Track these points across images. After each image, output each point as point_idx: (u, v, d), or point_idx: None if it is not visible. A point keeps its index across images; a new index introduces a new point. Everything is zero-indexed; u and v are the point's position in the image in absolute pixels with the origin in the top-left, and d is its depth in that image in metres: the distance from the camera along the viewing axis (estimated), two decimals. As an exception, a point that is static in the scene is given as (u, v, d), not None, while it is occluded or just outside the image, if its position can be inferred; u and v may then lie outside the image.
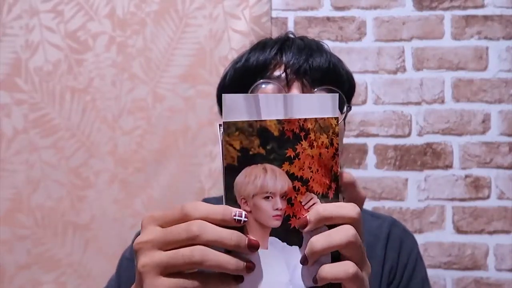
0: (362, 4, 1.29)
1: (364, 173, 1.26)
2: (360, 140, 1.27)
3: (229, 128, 0.44)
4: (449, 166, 1.25)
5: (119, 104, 1.24)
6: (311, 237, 0.44)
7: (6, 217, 1.23)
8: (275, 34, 0.92)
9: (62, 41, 1.25)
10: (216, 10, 1.25)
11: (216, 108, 0.93)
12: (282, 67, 0.73)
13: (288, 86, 0.72)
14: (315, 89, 0.72)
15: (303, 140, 0.45)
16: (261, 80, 0.72)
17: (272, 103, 0.46)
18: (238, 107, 0.45)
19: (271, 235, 0.45)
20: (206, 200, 0.92)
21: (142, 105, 1.24)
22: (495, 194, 1.24)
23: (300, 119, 0.45)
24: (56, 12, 1.25)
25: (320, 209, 0.45)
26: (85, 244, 1.22)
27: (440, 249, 1.24)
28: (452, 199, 1.25)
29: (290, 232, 0.45)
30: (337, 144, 0.46)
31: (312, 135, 0.46)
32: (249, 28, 1.25)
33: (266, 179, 0.45)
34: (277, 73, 0.73)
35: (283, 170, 0.45)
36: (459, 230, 1.24)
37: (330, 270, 0.44)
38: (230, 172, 0.44)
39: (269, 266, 0.45)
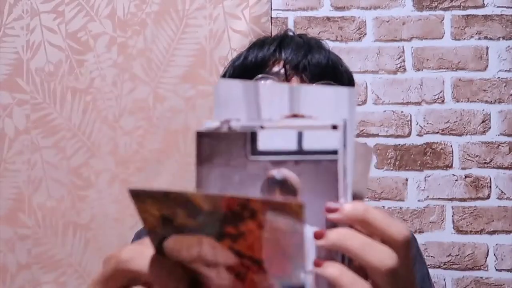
0: (362, 4, 1.29)
1: (364, 173, 1.26)
2: (360, 140, 1.27)
3: (138, 197, 0.33)
4: (449, 166, 1.25)
5: (119, 104, 1.25)
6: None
7: (7, 216, 1.23)
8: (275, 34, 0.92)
9: (63, 41, 1.26)
10: (216, 10, 1.25)
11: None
12: (281, 63, 0.73)
13: (287, 81, 0.72)
14: (314, 84, 0.72)
15: (249, 219, 0.32)
16: (260, 75, 0.72)
17: (276, 95, 0.38)
18: (234, 97, 0.38)
19: None
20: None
21: (142, 105, 1.25)
22: (495, 194, 1.24)
23: (239, 197, 0.32)
24: (57, 12, 1.26)
25: (361, 207, 0.36)
26: (85, 244, 1.23)
27: (440, 249, 1.24)
28: (452, 199, 1.25)
29: None
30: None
31: (260, 216, 0.32)
32: (249, 28, 1.25)
33: (204, 250, 0.34)
34: (276, 69, 0.73)
35: (224, 246, 0.34)
36: (459, 230, 1.24)
37: (344, 279, 0.34)
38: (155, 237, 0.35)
39: None
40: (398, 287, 0.36)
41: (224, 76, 0.82)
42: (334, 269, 0.35)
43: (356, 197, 0.37)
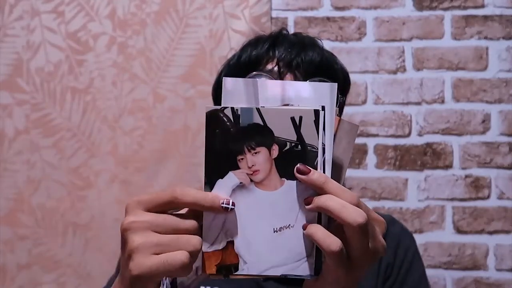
0: (362, 4, 1.29)
1: (364, 173, 1.26)
2: (360, 140, 1.27)
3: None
4: (449, 166, 1.25)
5: (119, 104, 1.25)
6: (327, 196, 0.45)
7: (7, 217, 1.23)
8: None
9: (63, 41, 1.26)
10: (216, 10, 1.25)
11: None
12: (275, 62, 0.74)
13: (280, 78, 0.72)
14: (307, 81, 0.72)
15: None
16: (254, 73, 0.73)
17: (270, 89, 0.48)
18: (238, 91, 0.47)
19: None
20: None
21: (142, 105, 1.25)
22: (495, 194, 1.24)
23: None
24: (57, 12, 1.26)
25: (323, 179, 0.45)
26: (85, 244, 1.23)
27: (440, 249, 1.24)
28: (452, 199, 1.25)
29: None
30: None
31: None
32: (249, 28, 1.25)
33: None
34: (269, 67, 0.74)
35: None
36: (459, 230, 1.24)
37: (319, 234, 0.44)
38: None
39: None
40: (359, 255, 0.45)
41: (219, 75, 0.83)
42: (312, 228, 0.45)
43: (337, 167, 0.47)
